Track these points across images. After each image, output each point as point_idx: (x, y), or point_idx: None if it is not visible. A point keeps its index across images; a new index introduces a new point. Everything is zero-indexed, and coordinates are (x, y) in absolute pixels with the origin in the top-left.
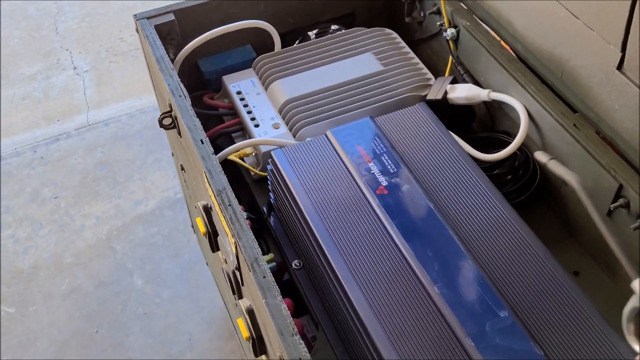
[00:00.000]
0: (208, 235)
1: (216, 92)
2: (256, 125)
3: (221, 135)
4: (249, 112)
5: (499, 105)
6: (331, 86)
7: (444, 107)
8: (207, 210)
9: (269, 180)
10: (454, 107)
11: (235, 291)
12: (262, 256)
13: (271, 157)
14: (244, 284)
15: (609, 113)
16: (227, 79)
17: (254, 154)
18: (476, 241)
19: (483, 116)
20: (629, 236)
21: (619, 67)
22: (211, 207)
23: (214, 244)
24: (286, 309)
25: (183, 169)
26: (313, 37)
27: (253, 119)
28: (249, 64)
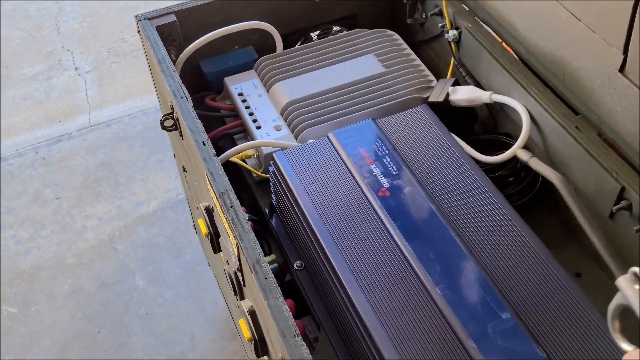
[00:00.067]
0: (210, 236)
1: (218, 94)
2: (258, 127)
3: (223, 137)
4: (251, 113)
5: (501, 107)
6: (333, 88)
7: (445, 109)
8: (209, 212)
9: (270, 182)
10: (455, 109)
11: (237, 292)
12: (263, 257)
13: (273, 159)
14: (245, 285)
15: (611, 115)
16: (229, 81)
17: (255, 155)
18: (478, 243)
19: (485, 118)
20: (631, 238)
21: (621, 69)
22: (213, 209)
23: (216, 245)
24: (288, 310)
25: (185, 170)
26: (315, 38)
27: (255, 120)
28: (250, 65)
